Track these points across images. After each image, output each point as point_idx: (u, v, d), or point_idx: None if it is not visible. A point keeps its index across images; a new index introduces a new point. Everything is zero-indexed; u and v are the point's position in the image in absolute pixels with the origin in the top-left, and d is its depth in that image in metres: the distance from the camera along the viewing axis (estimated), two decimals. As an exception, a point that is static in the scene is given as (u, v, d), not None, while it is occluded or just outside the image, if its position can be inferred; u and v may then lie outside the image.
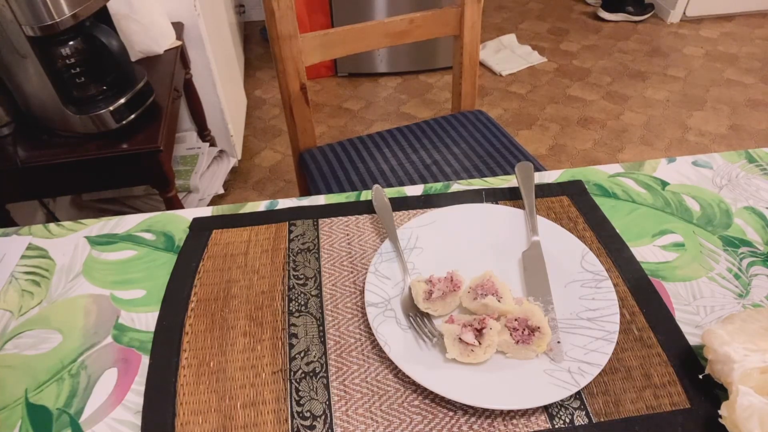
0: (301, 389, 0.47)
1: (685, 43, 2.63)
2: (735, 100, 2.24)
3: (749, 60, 2.49)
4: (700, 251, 0.58)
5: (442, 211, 0.60)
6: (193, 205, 1.65)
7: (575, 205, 0.63)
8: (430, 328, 0.49)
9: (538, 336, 0.46)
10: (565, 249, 0.56)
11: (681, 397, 0.45)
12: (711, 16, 2.81)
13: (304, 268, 0.57)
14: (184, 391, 0.47)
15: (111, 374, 0.48)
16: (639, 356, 0.48)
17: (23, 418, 0.45)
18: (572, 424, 0.44)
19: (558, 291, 0.53)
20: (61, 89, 1.07)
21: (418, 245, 0.57)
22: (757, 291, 0.53)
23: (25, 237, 0.62)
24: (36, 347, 0.51)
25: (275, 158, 2.01)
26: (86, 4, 1.02)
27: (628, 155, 1.98)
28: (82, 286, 0.56)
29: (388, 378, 0.47)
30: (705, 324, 0.51)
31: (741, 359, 0.41)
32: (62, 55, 1.06)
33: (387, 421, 0.44)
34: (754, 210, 0.62)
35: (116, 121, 1.13)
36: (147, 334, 0.52)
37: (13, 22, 0.95)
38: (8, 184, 1.16)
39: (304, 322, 0.52)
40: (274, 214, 0.64)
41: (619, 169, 0.68)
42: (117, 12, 1.25)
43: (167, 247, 0.60)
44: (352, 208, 0.64)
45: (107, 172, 1.18)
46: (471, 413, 0.45)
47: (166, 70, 1.36)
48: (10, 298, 0.55)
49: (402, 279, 0.54)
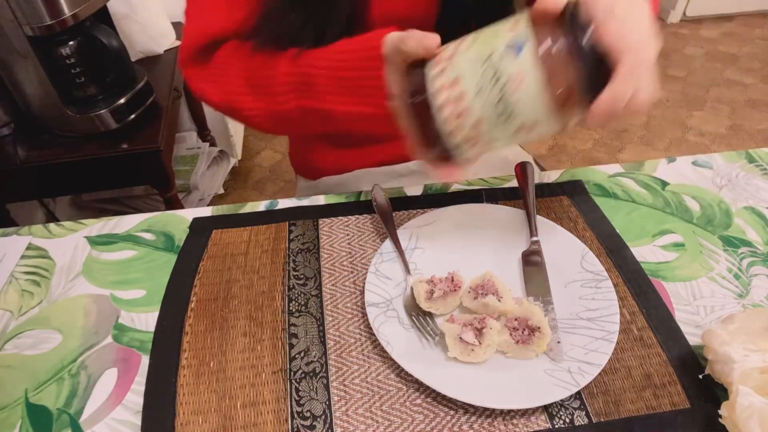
0: (301, 389, 0.47)
1: (685, 43, 2.63)
2: (735, 100, 2.24)
3: (749, 60, 2.49)
4: (700, 251, 0.58)
5: (442, 211, 0.60)
6: (193, 205, 1.65)
7: (575, 205, 0.63)
8: (432, 327, 0.49)
9: (538, 336, 0.46)
10: (565, 249, 0.56)
11: (681, 397, 0.45)
12: (711, 16, 2.81)
13: (304, 268, 0.57)
14: (184, 391, 0.47)
15: (111, 374, 0.48)
16: (639, 356, 0.48)
17: (23, 418, 0.45)
18: (572, 424, 0.44)
19: (558, 291, 0.53)
20: (61, 89, 1.07)
21: (419, 245, 0.57)
22: (757, 291, 0.53)
23: (25, 237, 0.62)
24: (36, 347, 0.51)
25: (275, 158, 2.01)
26: (86, 4, 1.02)
27: (628, 155, 1.98)
28: (82, 286, 0.56)
29: (388, 378, 0.47)
30: (705, 324, 0.51)
31: (741, 359, 0.41)
32: (62, 55, 1.06)
33: (387, 421, 0.44)
34: (754, 210, 0.62)
35: (116, 121, 1.13)
36: (147, 334, 0.52)
37: (13, 22, 0.95)
38: (8, 184, 1.16)
39: (304, 322, 0.52)
40: (274, 214, 0.64)
41: (619, 169, 0.68)
42: (117, 12, 1.25)
43: (167, 247, 0.60)
44: (352, 208, 0.64)
45: (107, 172, 1.18)
46: (471, 413, 0.45)
47: (166, 70, 1.36)
48: (10, 298, 0.55)
49: (403, 279, 0.54)
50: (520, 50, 0.37)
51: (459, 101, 0.40)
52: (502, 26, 0.40)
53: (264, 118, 0.57)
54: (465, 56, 0.40)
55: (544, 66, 0.37)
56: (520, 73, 0.37)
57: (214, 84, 0.59)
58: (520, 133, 0.41)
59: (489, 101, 0.39)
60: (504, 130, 0.41)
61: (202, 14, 0.58)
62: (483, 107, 0.39)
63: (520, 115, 0.39)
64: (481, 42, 0.40)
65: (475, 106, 0.40)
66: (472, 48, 0.40)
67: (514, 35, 0.38)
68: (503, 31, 0.39)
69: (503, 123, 0.40)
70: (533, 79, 0.37)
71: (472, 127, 0.41)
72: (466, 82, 0.39)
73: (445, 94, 0.40)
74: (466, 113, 0.40)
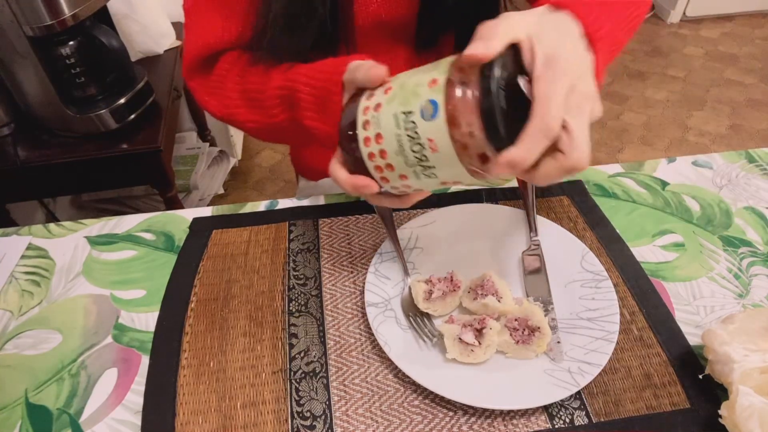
0: (301, 389, 0.47)
1: (685, 43, 2.63)
2: (735, 100, 2.24)
3: (749, 60, 2.49)
4: (700, 251, 0.58)
5: (442, 211, 0.60)
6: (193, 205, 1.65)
7: (575, 205, 0.63)
8: (430, 328, 0.49)
9: (538, 336, 0.46)
10: (565, 249, 0.56)
11: (681, 397, 0.45)
12: (711, 16, 2.81)
13: (304, 268, 0.57)
14: (184, 391, 0.47)
15: (111, 374, 0.48)
16: (639, 356, 0.48)
17: (23, 418, 0.45)
18: (572, 424, 0.44)
19: (558, 291, 0.53)
20: (61, 89, 1.07)
21: (418, 245, 0.57)
22: (757, 291, 0.53)
23: (25, 237, 0.62)
24: (36, 347, 0.51)
25: (275, 158, 2.01)
26: (86, 4, 1.02)
27: (628, 155, 1.98)
28: (82, 286, 0.56)
29: (388, 378, 0.47)
30: (705, 324, 0.51)
31: (741, 359, 0.41)
32: (62, 55, 1.06)
33: (387, 421, 0.44)
34: (754, 210, 0.62)
35: (116, 121, 1.13)
36: (147, 334, 0.52)
37: (13, 22, 0.95)
38: (8, 184, 1.16)
39: (304, 322, 0.52)
40: (274, 214, 0.64)
41: (619, 169, 0.68)
42: (117, 12, 1.25)
43: (167, 247, 0.60)
44: (352, 208, 0.64)
45: (107, 172, 1.18)
46: (471, 413, 0.45)
47: (166, 70, 1.36)
48: (10, 298, 0.55)
49: (402, 279, 0.54)
50: (434, 113, 0.36)
51: (383, 155, 0.40)
52: (426, 76, 0.38)
53: (261, 130, 0.58)
54: (388, 110, 0.39)
55: (454, 131, 0.35)
56: (434, 136, 0.36)
57: (214, 96, 0.59)
58: (447, 185, 0.42)
59: (410, 160, 0.39)
60: (430, 183, 0.41)
61: (200, 27, 0.59)
62: (405, 165, 0.40)
63: (441, 174, 0.39)
64: (403, 96, 0.38)
65: (398, 164, 0.40)
66: (395, 101, 0.39)
67: (431, 92, 0.36)
68: (424, 86, 0.37)
69: (427, 178, 0.40)
70: (446, 144, 0.36)
71: (398, 178, 0.41)
72: (387, 139, 0.39)
73: (370, 147, 0.41)
74: (390, 167, 0.41)
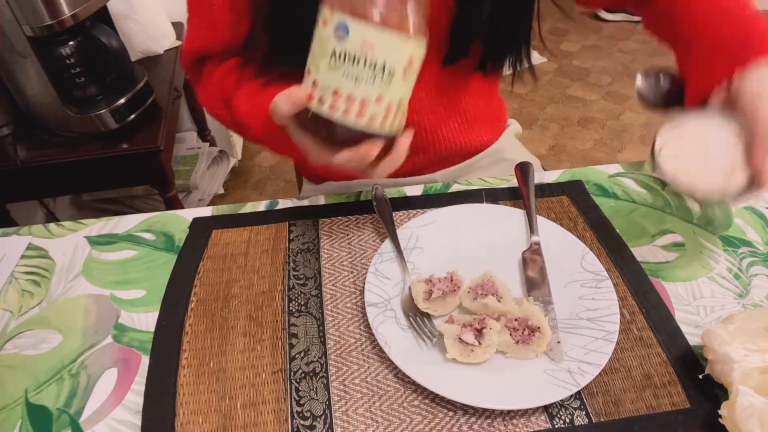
0: (301, 389, 0.47)
1: (685, 43, 2.63)
2: (735, 100, 2.23)
3: (749, 60, 2.48)
4: (700, 251, 0.58)
5: (442, 211, 0.60)
6: (193, 205, 1.65)
7: (575, 205, 0.63)
8: (430, 328, 0.49)
9: (538, 336, 0.46)
10: (565, 249, 0.56)
11: (681, 397, 0.45)
12: (711, 16, 2.80)
13: (304, 268, 0.57)
14: (184, 391, 0.47)
15: (111, 374, 0.48)
16: (639, 356, 0.48)
17: (23, 418, 0.45)
18: (572, 424, 0.44)
19: (558, 291, 0.53)
20: (61, 89, 1.07)
21: (418, 245, 0.57)
22: (757, 291, 0.53)
23: (25, 237, 0.62)
24: (36, 347, 0.51)
25: (275, 158, 2.01)
26: (86, 4, 1.02)
27: (628, 155, 1.98)
28: (82, 286, 0.56)
29: (388, 378, 0.47)
30: (705, 324, 0.51)
31: (741, 359, 0.41)
32: (62, 55, 1.06)
33: (387, 421, 0.44)
34: (754, 210, 0.62)
35: (116, 121, 1.13)
36: (147, 334, 0.51)
37: (13, 22, 0.95)
38: (8, 184, 1.16)
39: (304, 322, 0.52)
40: (274, 214, 0.64)
41: (619, 169, 0.68)
42: (117, 12, 1.25)
43: (167, 247, 0.60)
44: (352, 208, 0.64)
45: (107, 172, 1.18)
46: (471, 413, 0.45)
47: (166, 70, 1.36)
48: (10, 298, 0.55)
49: (402, 279, 0.54)
50: (346, 29, 0.41)
51: (351, 99, 0.43)
52: (319, 29, 0.43)
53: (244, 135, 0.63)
54: (321, 71, 0.43)
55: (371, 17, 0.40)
56: (363, 40, 0.41)
57: (203, 93, 0.65)
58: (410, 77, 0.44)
59: (367, 78, 0.42)
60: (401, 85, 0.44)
61: (192, 30, 0.63)
62: (367, 86, 0.42)
63: (395, 64, 0.42)
64: (318, 52, 0.43)
65: (363, 90, 0.42)
66: (319, 62, 0.43)
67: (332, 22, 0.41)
68: (321, 28, 0.42)
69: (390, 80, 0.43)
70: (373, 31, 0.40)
71: (375, 102, 0.43)
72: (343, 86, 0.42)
73: (341, 105, 0.43)
74: (366, 102, 0.43)
